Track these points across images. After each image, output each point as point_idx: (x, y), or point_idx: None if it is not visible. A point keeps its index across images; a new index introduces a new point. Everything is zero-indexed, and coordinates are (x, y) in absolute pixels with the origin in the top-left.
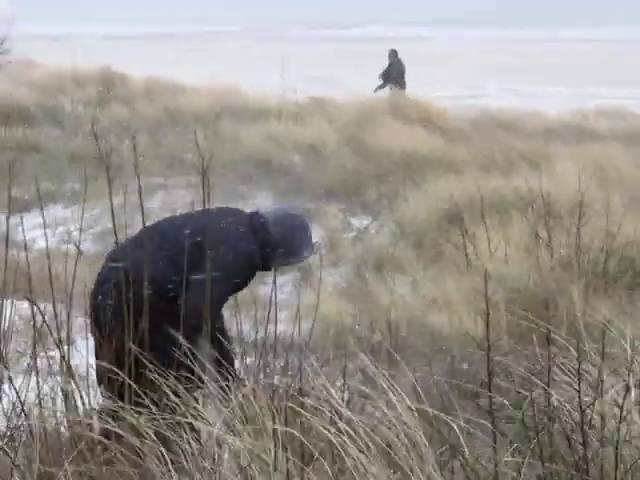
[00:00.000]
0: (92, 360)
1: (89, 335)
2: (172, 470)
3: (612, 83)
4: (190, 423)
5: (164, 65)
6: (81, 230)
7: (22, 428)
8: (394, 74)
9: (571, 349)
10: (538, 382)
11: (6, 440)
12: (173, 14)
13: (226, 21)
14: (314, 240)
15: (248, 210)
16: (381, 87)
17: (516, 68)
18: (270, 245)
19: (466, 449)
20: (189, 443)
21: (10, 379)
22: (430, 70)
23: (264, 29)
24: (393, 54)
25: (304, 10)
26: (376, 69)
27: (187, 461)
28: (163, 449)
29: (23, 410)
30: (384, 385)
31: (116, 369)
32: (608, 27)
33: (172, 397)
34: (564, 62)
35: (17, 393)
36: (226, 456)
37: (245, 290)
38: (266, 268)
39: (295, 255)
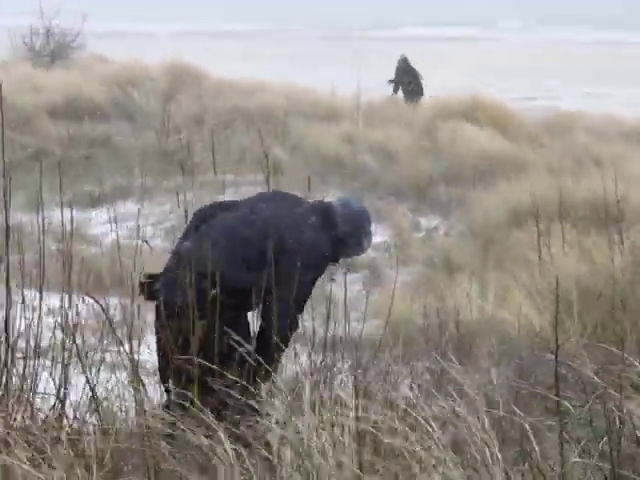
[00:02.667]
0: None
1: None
2: (238, 466)
3: None
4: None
5: (234, 62)
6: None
7: (91, 421)
8: (406, 81)
9: None
10: (606, 384)
11: (75, 433)
12: (241, 12)
13: (293, 19)
14: (383, 240)
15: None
16: (395, 91)
17: (589, 70)
18: (339, 238)
19: (536, 449)
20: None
21: (85, 372)
22: (501, 71)
23: (333, 28)
24: (404, 61)
25: (375, 10)
26: (449, 69)
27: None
28: (229, 446)
29: (93, 403)
30: (452, 385)
31: (177, 365)
32: None
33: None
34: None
35: (90, 387)
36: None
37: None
38: (334, 260)
39: (360, 249)
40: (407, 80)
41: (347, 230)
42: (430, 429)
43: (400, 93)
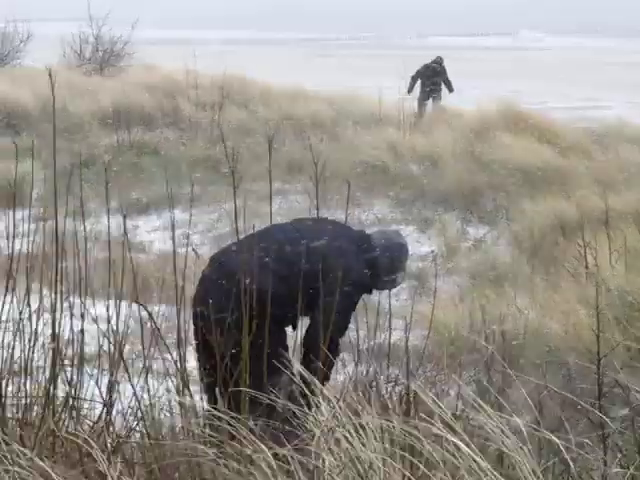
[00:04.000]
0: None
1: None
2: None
3: None
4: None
5: (281, 70)
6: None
7: (138, 429)
8: (427, 82)
9: None
10: None
11: (122, 442)
12: (287, 20)
13: (338, 29)
14: (430, 249)
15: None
16: (411, 86)
17: (633, 79)
18: (376, 270)
19: (573, 464)
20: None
21: (131, 380)
22: (549, 80)
23: (378, 37)
24: (434, 62)
25: (415, 19)
26: (486, 79)
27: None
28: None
29: (139, 411)
30: (498, 396)
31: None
32: None
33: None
34: None
35: (136, 394)
36: (332, 459)
37: None
38: (369, 292)
39: (394, 283)
40: (428, 81)
41: (385, 262)
42: (475, 440)
43: (416, 93)
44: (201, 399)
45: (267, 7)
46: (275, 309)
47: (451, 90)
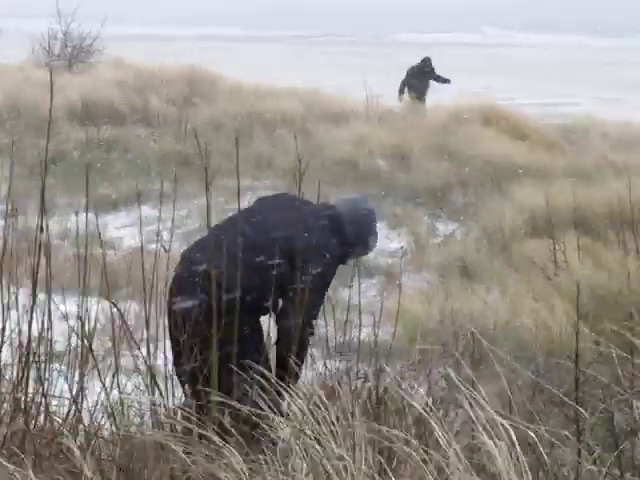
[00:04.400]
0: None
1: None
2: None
3: None
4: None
5: (251, 67)
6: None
7: (107, 426)
8: (425, 81)
9: None
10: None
11: (91, 438)
12: (260, 17)
13: (311, 26)
14: (400, 245)
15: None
16: (401, 90)
17: (609, 76)
18: (347, 241)
19: (547, 458)
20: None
21: (100, 377)
22: (520, 77)
23: (350, 34)
24: (422, 62)
25: (391, 14)
26: (462, 75)
27: (266, 462)
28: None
29: (108, 408)
30: (468, 392)
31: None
32: None
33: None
34: None
35: (106, 390)
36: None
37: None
38: (343, 262)
39: (367, 249)
40: (415, 81)
41: (354, 231)
42: (445, 436)
43: (405, 97)
44: (173, 395)
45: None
46: (249, 299)
47: (447, 82)
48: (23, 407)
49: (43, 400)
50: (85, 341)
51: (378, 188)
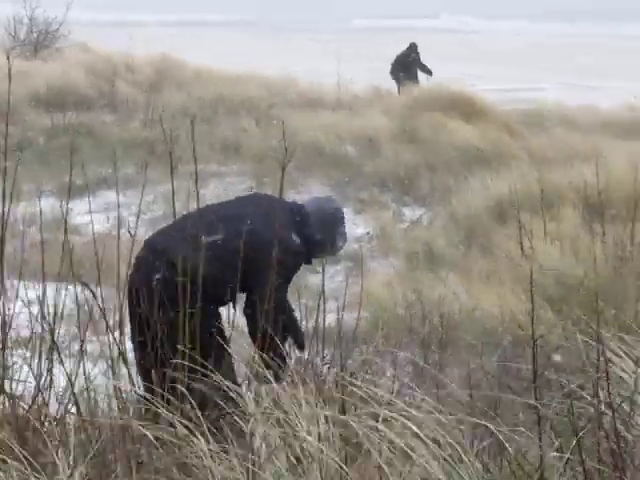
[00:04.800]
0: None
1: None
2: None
3: None
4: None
5: (220, 53)
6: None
7: (74, 412)
8: (413, 69)
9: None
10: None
11: (57, 424)
12: (230, 2)
13: (282, 11)
14: (366, 231)
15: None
16: (398, 85)
17: (575, 62)
18: (312, 241)
19: (510, 445)
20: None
21: (64, 363)
22: (486, 63)
23: (320, 21)
24: (413, 47)
25: (336, 2)
26: (433, 61)
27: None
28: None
29: (74, 394)
30: (434, 376)
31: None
32: None
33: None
34: (626, 57)
35: (69, 376)
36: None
37: (295, 278)
38: (308, 262)
39: (333, 249)
40: (400, 68)
41: (320, 232)
42: (411, 422)
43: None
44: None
45: None
46: (210, 289)
47: (429, 74)
48: None
49: (5, 386)
50: (53, 326)
51: (345, 174)
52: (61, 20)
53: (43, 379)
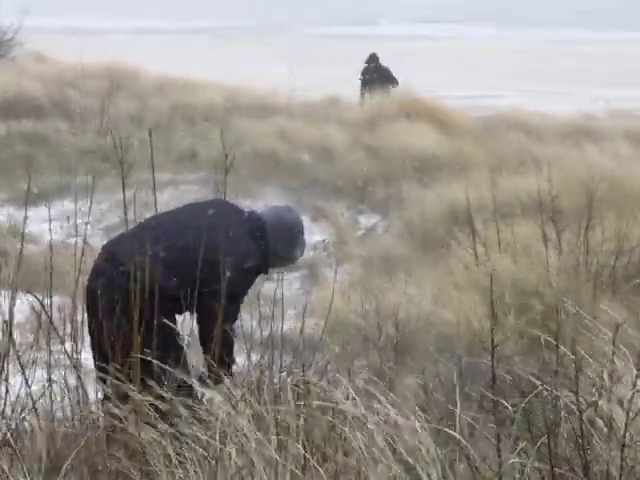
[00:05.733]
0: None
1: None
2: (176, 465)
3: (630, 85)
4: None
5: (175, 60)
6: (88, 224)
7: (28, 420)
8: (376, 81)
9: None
10: (543, 384)
11: (12, 432)
12: (188, 9)
13: (241, 17)
14: (322, 238)
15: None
16: (363, 96)
17: (533, 69)
18: (269, 250)
19: (471, 450)
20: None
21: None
22: (444, 69)
23: (278, 27)
24: (374, 58)
25: (320, 6)
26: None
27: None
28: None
29: (30, 402)
30: (390, 384)
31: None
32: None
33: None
34: (583, 63)
35: (28, 385)
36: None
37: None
38: (264, 272)
39: (291, 259)
40: (371, 80)
41: (277, 242)
42: (368, 428)
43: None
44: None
45: None
46: (164, 298)
47: (395, 84)
48: None
49: None
50: (5, 334)
51: (300, 181)
52: (16, 28)
53: None
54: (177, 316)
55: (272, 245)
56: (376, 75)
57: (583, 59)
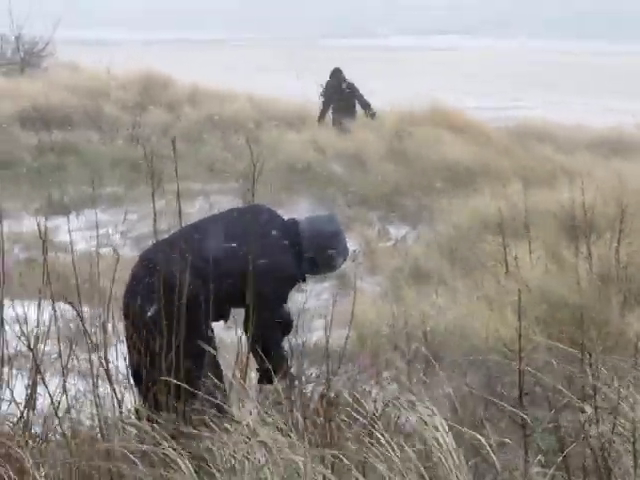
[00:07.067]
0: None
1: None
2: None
3: None
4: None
5: (206, 71)
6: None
7: (57, 430)
8: (340, 99)
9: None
10: (570, 395)
11: (43, 440)
12: (211, 20)
13: (261, 29)
14: (353, 249)
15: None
16: (323, 114)
17: (559, 80)
18: (307, 259)
19: (497, 462)
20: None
21: (43, 380)
22: (471, 80)
23: (297, 38)
24: (337, 73)
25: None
26: (411, 79)
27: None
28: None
29: (60, 412)
30: (419, 395)
31: (146, 370)
32: None
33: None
34: (610, 74)
35: (50, 396)
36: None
37: None
38: (302, 280)
39: (329, 267)
40: (337, 97)
41: (314, 249)
42: (396, 439)
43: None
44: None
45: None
46: (199, 306)
47: (368, 109)
48: None
49: None
50: (38, 344)
51: (331, 192)
52: (47, 39)
53: (29, 397)
54: (214, 324)
55: (310, 253)
56: (340, 91)
57: (602, 70)
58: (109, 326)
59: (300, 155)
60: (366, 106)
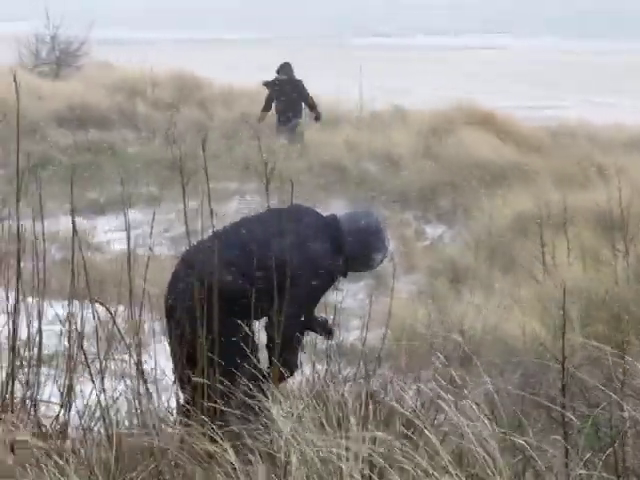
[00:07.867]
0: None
1: (163, 337)
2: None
3: None
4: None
5: (240, 70)
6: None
7: (95, 430)
8: (287, 97)
9: None
10: (610, 395)
11: (80, 441)
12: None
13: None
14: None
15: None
16: (264, 112)
17: (595, 79)
18: (347, 255)
19: (539, 461)
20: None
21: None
22: (507, 79)
23: (329, 36)
24: (286, 68)
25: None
26: (446, 77)
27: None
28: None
29: (98, 411)
30: (457, 394)
31: (189, 369)
32: None
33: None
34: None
35: (97, 394)
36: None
37: None
38: (342, 275)
39: (369, 264)
40: (283, 94)
41: (354, 245)
42: (434, 439)
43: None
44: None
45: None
46: (239, 304)
47: (317, 115)
48: (10, 410)
49: (32, 404)
50: (75, 344)
51: (366, 191)
52: (82, 39)
53: (66, 397)
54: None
55: (349, 249)
56: (289, 87)
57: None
58: (145, 326)
59: (334, 154)
60: (313, 107)
